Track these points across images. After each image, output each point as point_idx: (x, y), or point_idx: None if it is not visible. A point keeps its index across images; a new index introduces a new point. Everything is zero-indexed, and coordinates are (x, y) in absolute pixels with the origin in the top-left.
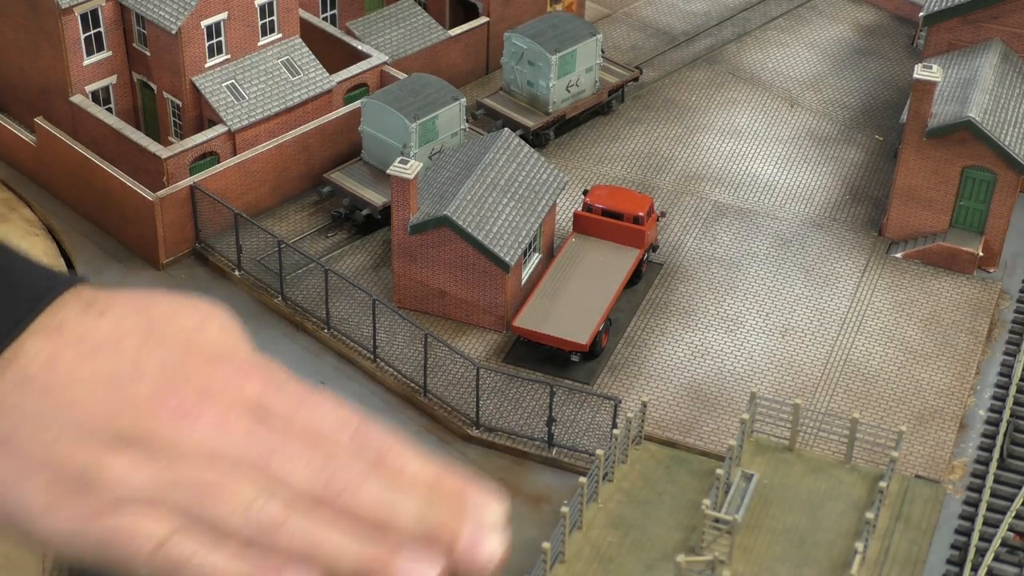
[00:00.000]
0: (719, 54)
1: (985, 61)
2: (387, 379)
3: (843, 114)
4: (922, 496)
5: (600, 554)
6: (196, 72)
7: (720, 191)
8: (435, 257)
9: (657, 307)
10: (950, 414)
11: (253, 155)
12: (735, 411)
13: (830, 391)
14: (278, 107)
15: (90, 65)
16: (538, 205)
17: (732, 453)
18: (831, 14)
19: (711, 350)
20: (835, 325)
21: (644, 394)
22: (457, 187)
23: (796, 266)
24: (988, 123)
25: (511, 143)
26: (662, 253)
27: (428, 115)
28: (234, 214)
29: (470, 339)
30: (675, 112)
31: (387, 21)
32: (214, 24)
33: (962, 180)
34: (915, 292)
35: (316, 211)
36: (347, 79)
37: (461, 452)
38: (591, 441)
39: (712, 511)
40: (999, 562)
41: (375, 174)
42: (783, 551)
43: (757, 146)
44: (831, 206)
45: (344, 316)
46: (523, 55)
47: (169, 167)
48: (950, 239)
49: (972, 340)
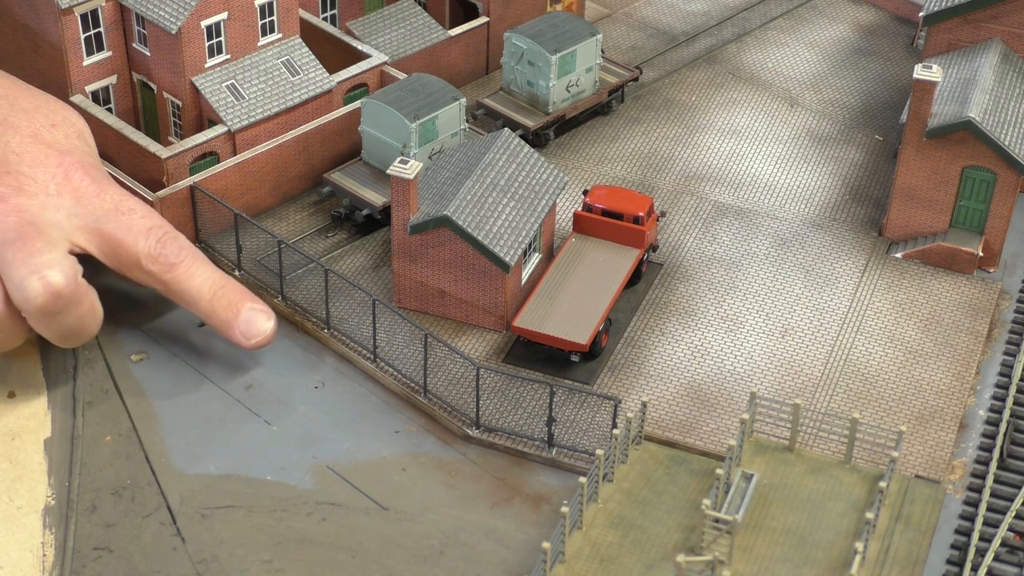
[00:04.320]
0: (719, 54)
1: (985, 61)
2: (387, 379)
3: (843, 114)
4: (922, 496)
5: (600, 554)
6: (196, 72)
7: (720, 191)
8: (435, 257)
9: (657, 307)
10: (950, 414)
11: (253, 155)
12: (735, 411)
13: (830, 391)
14: (278, 107)
15: (90, 65)
16: (538, 205)
17: (732, 453)
18: (831, 14)
19: (711, 350)
20: (835, 325)
21: (644, 394)
22: (457, 187)
23: (796, 266)
24: (988, 123)
25: (511, 143)
26: (662, 253)
27: (428, 115)
28: (234, 214)
29: (470, 339)
30: (675, 112)
31: (387, 21)
32: (214, 24)
33: (962, 180)
34: (915, 292)
35: (316, 211)
36: (347, 79)
37: (461, 452)
38: (591, 441)
39: (712, 511)
40: (999, 562)
41: (375, 174)
42: (783, 551)
43: (757, 146)
44: (831, 206)
45: (344, 316)
46: (523, 55)
47: (169, 167)
48: (950, 239)
49: (972, 340)
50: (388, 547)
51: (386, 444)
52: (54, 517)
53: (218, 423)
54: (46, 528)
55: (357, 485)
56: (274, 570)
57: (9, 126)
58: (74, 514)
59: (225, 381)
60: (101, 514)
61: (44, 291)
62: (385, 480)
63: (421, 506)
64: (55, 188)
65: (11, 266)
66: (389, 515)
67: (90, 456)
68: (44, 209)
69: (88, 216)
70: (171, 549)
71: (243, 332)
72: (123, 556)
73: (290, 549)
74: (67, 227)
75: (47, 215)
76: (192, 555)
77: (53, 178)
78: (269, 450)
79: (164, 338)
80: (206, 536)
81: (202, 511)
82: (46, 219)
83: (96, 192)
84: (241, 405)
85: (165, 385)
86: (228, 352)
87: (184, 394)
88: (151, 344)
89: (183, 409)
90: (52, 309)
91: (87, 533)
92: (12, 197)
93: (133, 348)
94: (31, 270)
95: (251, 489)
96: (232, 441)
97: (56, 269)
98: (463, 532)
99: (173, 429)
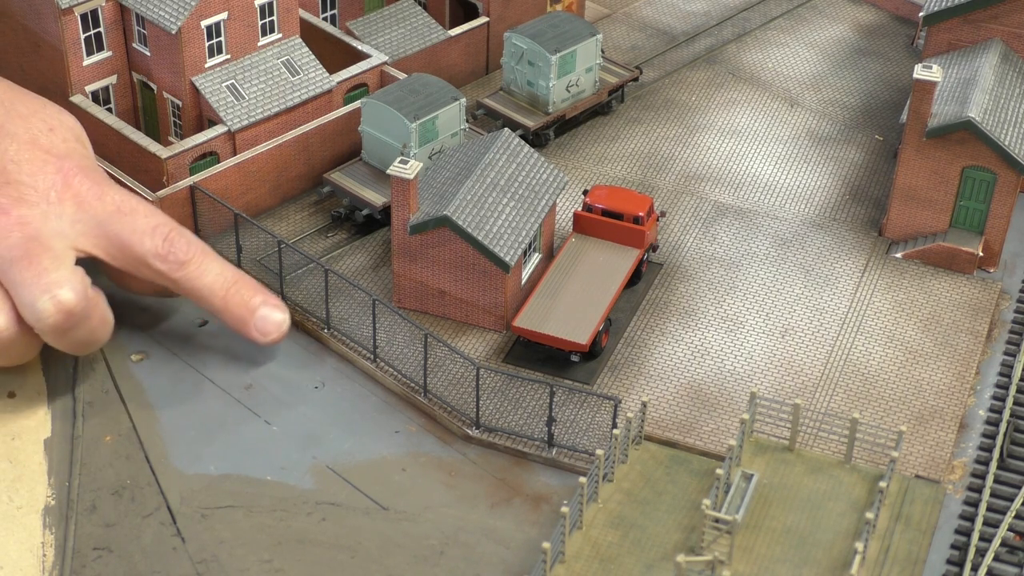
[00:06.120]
0: (719, 54)
1: (985, 61)
2: (387, 379)
3: (843, 114)
4: (922, 496)
5: (600, 554)
6: (196, 72)
7: (720, 191)
8: (435, 257)
9: (657, 307)
10: (950, 414)
11: (253, 155)
12: (735, 411)
13: (830, 391)
14: (278, 107)
15: (90, 65)
16: (538, 205)
17: (732, 453)
18: (831, 14)
19: (711, 350)
20: (835, 325)
21: (644, 394)
22: (457, 187)
23: (796, 266)
24: (988, 123)
25: (511, 143)
26: (662, 253)
27: (428, 115)
28: (234, 214)
29: (470, 339)
30: (675, 112)
31: (387, 21)
32: (214, 24)
33: (962, 180)
34: (915, 292)
35: (316, 211)
36: (347, 79)
37: (461, 452)
38: (591, 441)
39: (712, 511)
40: (999, 562)
41: (375, 174)
42: (783, 551)
43: (757, 146)
44: (831, 206)
45: (344, 316)
46: (523, 55)
47: (169, 167)
48: (950, 239)
49: (972, 340)
50: (388, 547)
51: (386, 444)
52: (54, 517)
53: (218, 423)
54: (46, 528)
55: (357, 485)
56: (274, 570)
57: (6, 134)
58: (74, 514)
59: (225, 381)
60: (101, 514)
61: (56, 310)
62: (385, 480)
63: (421, 506)
64: (56, 195)
65: (20, 286)
66: (389, 515)
67: (90, 456)
68: (47, 218)
69: (91, 220)
70: (171, 549)
71: (259, 329)
72: (123, 556)
73: (290, 549)
74: (71, 234)
75: (50, 224)
76: (192, 555)
77: (53, 185)
78: (269, 450)
79: (164, 338)
80: (206, 536)
81: (202, 511)
82: (49, 229)
83: (97, 195)
84: (241, 405)
85: (165, 385)
86: (228, 352)
87: (184, 394)
88: (151, 344)
89: (183, 409)
90: (65, 326)
91: (87, 533)
92: (13, 208)
93: (133, 348)
94: (41, 290)
95: (251, 489)
96: (232, 441)
97: (66, 287)
98: (463, 532)
99: (173, 429)
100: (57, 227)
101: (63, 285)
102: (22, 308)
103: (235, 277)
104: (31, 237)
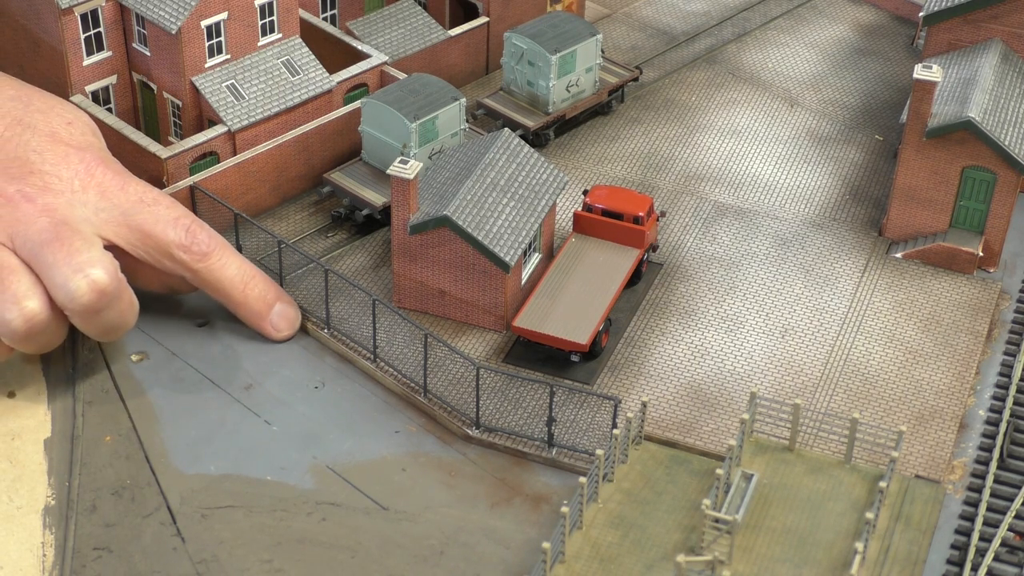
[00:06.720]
0: (719, 54)
1: (985, 61)
2: (387, 379)
3: (843, 114)
4: (922, 496)
5: (600, 554)
6: (196, 72)
7: (720, 191)
8: (435, 257)
9: (657, 307)
10: (950, 414)
11: (253, 155)
12: (735, 411)
13: (830, 391)
14: (278, 107)
15: (90, 65)
16: (538, 205)
17: (732, 453)
18: (831, 14)
19: (711, 350)
20: (835, 325)
21: (644, 394)
22: (457, 187)
23: (796, 266)
24: (988, 123)
25: (511, 143)
26: (662, 253)
27: (428, 115)
28: (234, 214)
29: (470, 339)
30: (675, 112)
31: (387, 21)
32: (214, 24)
33: (962, 180)
34: (915, 292)
35: (316, 211)
36: (347, 79)
37: (461, 452)
38: (591, 441)
39: (712, 511)
40: (999, 562)
41: (375, 174)
42: (783, 551)
43: (757, 146)
44: (831, 206)
45: (344, 316)
46: (523, 55)
47: (169, 167)
48: (950, 239)
49: (972, 340)
50: (388, 547)
51: (386, 444)
52: (54, 517)
53: (218, 423)
54: (46, 528)
55: (357, 485)
56: (274, 570)
57: (27, 126)
58: (74, 514)
59: (225, 381)
60: (101, 514)
61: (90, 289)
62: (385, 480)
63: (421, 506)
64: (79, 184)
65: (52, 267)
66: (389, 515)
67: (90, 456)
68: (72, 206)
69: (114, 210)
70: (171, 549)
71: (274, 324)
72: (123, 556)
73: (290, 549)
74: (95, 222)
75: (76, 211)
76: (192, 555)
77: (76, 175)
78: (269, 450)
79: (164, 338)
80: (206, 536)
81: (202, 511)
82: (76, 215)
83: (119, 185)
84: (241, 405)
85: (165, 385)
86: (228, 352)
87: (184, 394)
88: (151, 344)
89: (183, 409)
90: (98, 307)
91: (87, 533)
92: (39, 197)
93: (133, 348)
94: (74, 269)
95: (251, 489)
96: (232, 441)
97: (99, 267)
98: (463, 532)
99: (173, 429)
100: (82, 214)
101: (96, 265)
102: (54, 290)
103: (253, 271)
104: (60, 222)
